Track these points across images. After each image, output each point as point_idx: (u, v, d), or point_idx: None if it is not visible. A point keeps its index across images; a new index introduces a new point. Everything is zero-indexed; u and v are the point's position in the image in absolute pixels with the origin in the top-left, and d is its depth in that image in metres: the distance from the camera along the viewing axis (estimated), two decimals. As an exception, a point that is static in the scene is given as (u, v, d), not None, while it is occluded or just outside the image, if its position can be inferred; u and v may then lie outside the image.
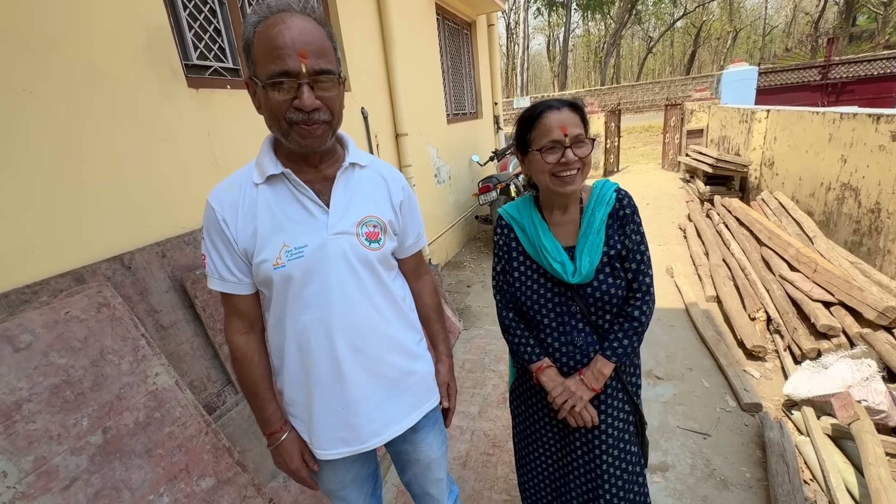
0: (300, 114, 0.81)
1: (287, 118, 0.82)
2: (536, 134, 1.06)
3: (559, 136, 1.02)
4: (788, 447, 1.86)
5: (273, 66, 0.78)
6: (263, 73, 0.80)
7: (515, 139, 1.15)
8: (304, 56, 0.78)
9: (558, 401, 1.12)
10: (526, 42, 25.99)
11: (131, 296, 1.55)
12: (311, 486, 1.05)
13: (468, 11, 5.82)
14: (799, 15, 29.86)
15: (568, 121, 1.02)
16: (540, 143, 1.05)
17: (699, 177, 6.24)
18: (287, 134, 0.84)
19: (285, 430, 1.00)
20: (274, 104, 0.81)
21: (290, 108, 0.81)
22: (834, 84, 9.14)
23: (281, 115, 0.82)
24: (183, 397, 1.50)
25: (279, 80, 0.79)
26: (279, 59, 0.78)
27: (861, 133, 3.38)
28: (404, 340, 1.04)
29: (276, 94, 0.80)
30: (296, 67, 0.78)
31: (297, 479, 1.03)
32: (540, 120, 1.05)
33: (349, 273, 0.92)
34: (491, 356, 2.93)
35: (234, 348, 0.96)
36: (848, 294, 2.51)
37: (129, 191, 1.60)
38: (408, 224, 1.06)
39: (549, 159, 1.04)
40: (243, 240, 0.89)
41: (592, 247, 1.09)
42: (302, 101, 0.80)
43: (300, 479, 1.02)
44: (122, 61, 1.57)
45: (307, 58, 0.79)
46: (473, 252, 5.30)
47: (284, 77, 0.79)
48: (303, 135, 0.84)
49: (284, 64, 0.78)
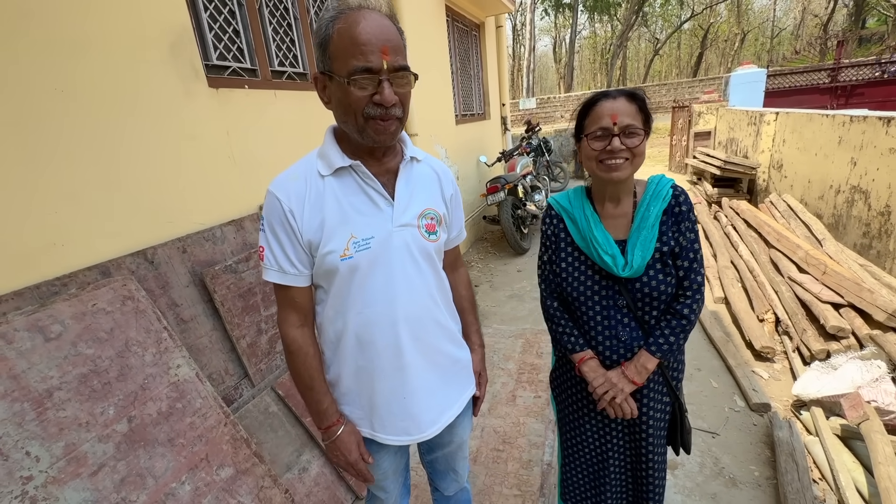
0: (379, 109, 0.83)
1: (365, 113, 0.83)
2: (589, 121, 1.08)
3: (608, 124, 1.03)
4: (798, 446, 1.87)
5: (356, 61, 0.80)
6: (344, 69, 0.81)
7: (575, 126, 1.17)
8: (385, 53, 0.80)
9: (599, 391, 1.13)
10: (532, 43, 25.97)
11: (154, 289, 1.59)
12: (369, 478, 1.04)
13: (477, 13, 5.86)
14: (808, 17, 29.66)
15: (620, 109, 1.03)
16: (589, 129, 1.07)
17: (707, 179, 6.23)
18: (363, 129, 0.85)
19: (342, 423, 1.00)
20: (354, 100, 0.82)
21: (368, 104, 0.83)
22: (843, 87, 9.08)
23: (359, 111, 0.83)
24: (203, 389, 1.54)
25: (362, 76, 0.80)
26: (362, 56, 0.79)
27: (871, 136, 3.38)
28: (452, 329, 1.09)
29: (356, 91, 0.82)
30: (378, 64, 0.80)
31: (353, 472, 1.02)
32: (594, 108, 1.07)
33: (412, 264, 0.95)
34: (500, 355, 2.95)
35: (291, 341, 0.96)
36: (858, 296, 2.51)
37: (153, 187, 1.64)
38: (454, 217, 1.11)
39: (595, 146, 1.05)
40: (309, 231, 0.89)
41: (645, 242, 1.08)
42: (384, 97, 0.81)
43: (358, 471, 1.01)
44: (147, 61, 1.61)
45: (388, 55, 0.81)
46: (481, 252, 5.32)
47: (367, 73, 0.80)
48: (378, 130, 0.85)
49: (368, 60, 0.80)
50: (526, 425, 2.26)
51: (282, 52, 2.36)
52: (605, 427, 1.25)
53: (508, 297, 3.95)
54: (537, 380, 2.63)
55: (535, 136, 7.13)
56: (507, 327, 3.38)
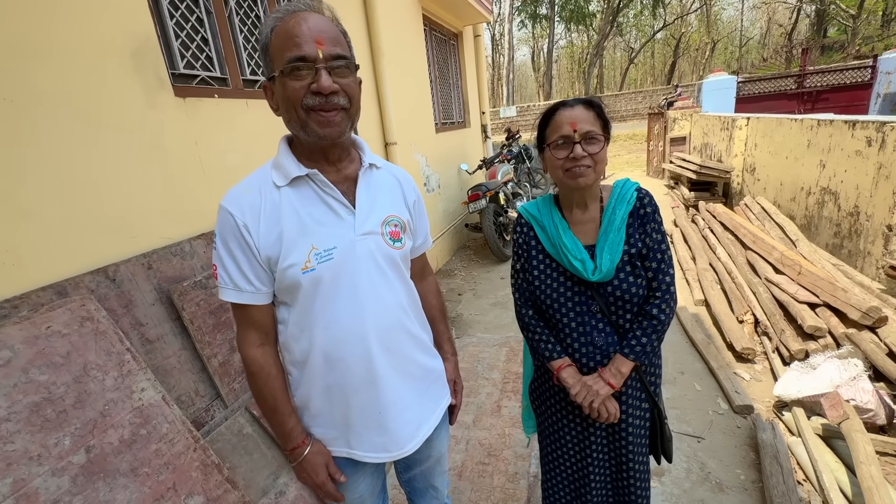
0: (318, 98, 0.80)
1: (304, 104, 0.81)
2: (549, 130, 1.10)
3: (568, 132, 1.05)
4: (781, 448, 1.88)
5: (289, 52, 0.79)
6: (280, 63, 0.80)
7: (537, 138, 1.19)
8: (320, 42, 0.79)
9: (578, 398, 1.12)
10: (511, 53, 26.38)
11: (116, 309, 1.51)
12: (338, 498, 1.01)
13: (455, 22, 5.89)
14: (773, 27, 30.89)
15: (579, 117, 1.05)
16: (551, 138, 1.09)
17: (683, 183, 6.36)
18: (305, 124, 0.83)
19: (308, 444, 0.96)
20: (290, 91, 0.80)
21: (307, 94, 0.80)
22: (809, 92, 9.44)
23: (297, 103, 0.81)
24: (170, 413, 1.45)
25: (296, 66, 0.79)
26: (296, 47, 0.78)
27: (838, 139, 3.49)
28: (424, 339, 1.06)
29: (292, 82, 0.80)
30: (312, 52, 0.79)
31: (322, 493, 0.99)
32: (553, 117, 1.09)
33: (378, 273, 0.92)
34: (484, 364, 2.91)
35: (251, 361, 0.91)
36: (832, 295, 2.56)
37: (115, 201, 1.56)
38: (418, 224, 1.08)
39: (558, 154, 1.07)
40: (267, 245, 0.85)
41: (613, 245, 1.09)
42: (320, 83, 0.79)
43: (326, 493, 0.98)
44: (106, 69, 1.54)
45: (323, 44, 0.80)
46: (464, 260, 5.29)
47: (301, 62, 0.79)
48: (321, 122, 0.82)
49: (301, 49, 0.78)
50: (512, 436, 2.21)
51: (254, 61, 2.31)
52: (585, 436, 1.23)
53: (492, 305, 3.92)
54: (522, 389, 2.59)
55: (516, 143, 7.18)
56: (490, 336, 3.34)
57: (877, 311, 2.30)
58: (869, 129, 3.08)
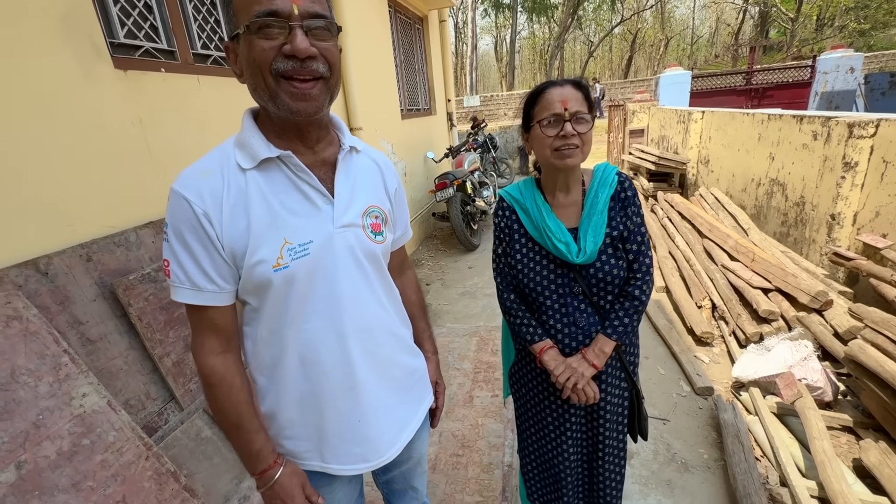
0: (291, 62, 0.68)
1: (273, 69, 0.68)
2: (539, 108, 1.09)
3: (559, 110, 1.04)
4: (742, 427, 1.96)
5: (258, 5, 0.66)
6: (246, 17, 0.67)
7: (522, 118, 1.17)
8: None
9: (561, 379, 1.12)
10: (474, 41, 26.27)
11: (49, 306, 1.34)
12: None
13: (420, 6, 5.74)
14: (721, 26, 32.43)
15: (569, 96, 1.05)
16: (541, 116, 1.08)
17: (643, 174, 6.56)
18: (275, 94, 0.70)
19: (280, 464, 0.83)
20: (258, 52, 0.67)
21: (277, 57, 0.68)
22: (756, 89, 9.99)
23: (266, 67, 0.68)
24: (117, 419, 1.32)
25: (266, 22, 0.66)
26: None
27: (787, 133, 3.67)
28: (406, 337, 0.99)
29: (260, 41, 0.67)
30: (286, 7, 0.66)
31: None
32: (543, 95, 1.08)
33: (357, 269, 0.82)
34: (455, 354, 2.88)
35: (210, 372, 0.78)
36: (783, 281, 2.71)
37: (46, 186, 1.38)
38: (399, 215, 0.99)
39: (549, 132, 1.06)
40: (231, 237, 0.73)
41: (596, 227, 1.10)
42: (294, 44, 0.67)
43: None
44: (29, 34, 1.35)
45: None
46: (431, 250, 5.23)
47: (272, 17, 0.66)
48: (295, 95, 0.70)
49: (272, 3, 0.66)
50: (485, 427, 2.20)
51: (205, 34, 2.12)
52: (564, 417, 1.23)
53: (461, 295, 3.89)
54: (493, 378, 2.58)
55: (481, 132, 7.15)
56: (460, 325, 3.31)
57: (824, 294, 2.45)
58: (815, 124, 3.26)
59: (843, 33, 22.60)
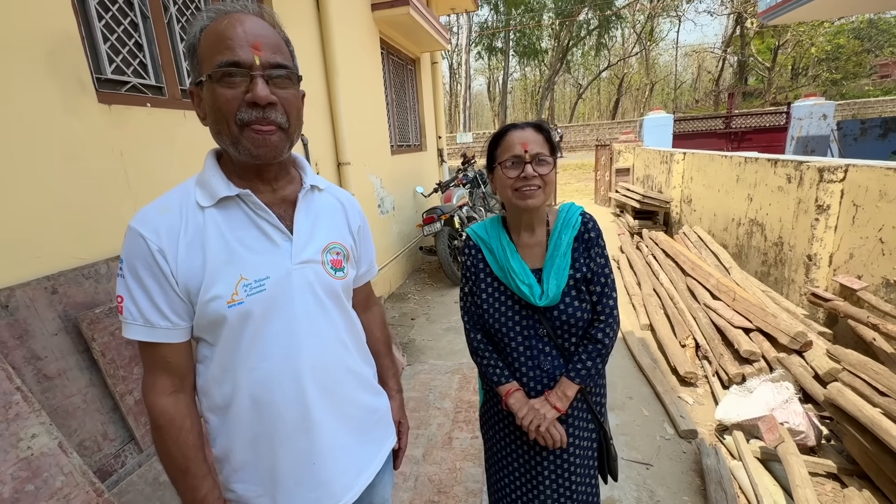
0: (254, 111, 0.71)
1: (238, 119, 0.71)
2: (500, 150, 1.12)
3: (519, 152, 1.07)
4: (725, 473, 1.91)
5: (220, 56, 0.69)
6: (209, 66, 0.70)
7: (486, 159, 1.19)
8: (257, 48, 0.71)
9: (525, 421, 1.10)
10: (468, 82, 27.29)
11: (6, 340, 1.29)
12: None
13: (412, 49, 5.97)
14: (703, 73, 34.13)
15: (529, 138, 1.07)
16: (502, 157, 1.10)
17: (628, 211, 6.69)
18: (237, 141, 0.73)
19: None
20: (222, 102, 0.70)
21: (241, 106, 0.71)
22: (735, 132, 10.41)
23: (231, 116, 0.71)
24: (67, 462, 1.25)
25: (229, 71, 0.70)
26: (228, 50, 0.69)
27: (763, 175, 3.80)
28: (367, 375, 0.97)
29: (223, 90, 0.70)
30: (248, 58, 0.70)
31: None
32: (504, 137, 1.11)
33: (316, 306, 0.82)
34: (436, 393, 2.81)
35: (160, 413, 0.76)
36: (764, 321, 2.72)
37: (13, 216, 1.36)
38: (363, 251, 1.00)
39: (510, 174, 1.08)
40: (186, 273, 0.74)
41: (559, 269, 1.10)
42: (255, 92, 0.70)
43: None
44: (11, 66, 1.37)
45: (261, 50, 0.71)
46: (418, 284, 5.21)
47: (234, 67, 0.70)
48: (255, 141, 0.73)
49: (234, 54, 0.69)
50: (463, 471, 2.12)
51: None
52: (533, 464, 1.20)
53: (445, 330, 3.85)
54: (474, 418, 2.51)
55: (471, 168, 7.29)
56: (443, 363, 3.25)
57: (803, 335, 2.45)
58: (788, 168, 3.38)
59: (816, 82, 23.92)
